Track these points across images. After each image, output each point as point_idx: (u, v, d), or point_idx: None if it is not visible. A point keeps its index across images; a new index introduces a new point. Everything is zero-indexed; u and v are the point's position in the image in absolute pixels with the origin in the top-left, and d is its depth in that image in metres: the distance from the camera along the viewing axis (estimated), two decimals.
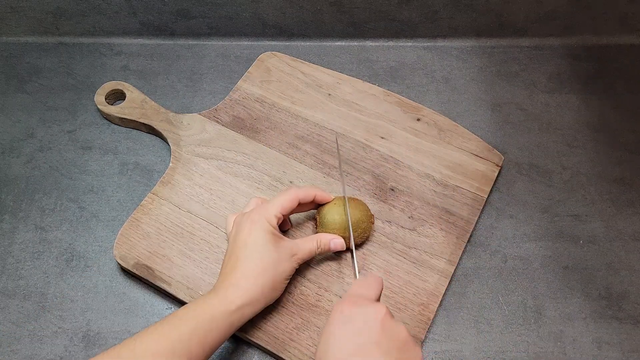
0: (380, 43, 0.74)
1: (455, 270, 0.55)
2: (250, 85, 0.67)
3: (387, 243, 0.55)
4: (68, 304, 0.54)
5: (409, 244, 0.55)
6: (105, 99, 0.65)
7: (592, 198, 0.61)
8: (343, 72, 0.69)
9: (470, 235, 0.57)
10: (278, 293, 0.48)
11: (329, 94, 0.66)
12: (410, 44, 0.74)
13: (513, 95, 0.69)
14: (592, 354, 0.51)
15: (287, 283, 0.49)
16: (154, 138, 0.65)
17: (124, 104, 0.65)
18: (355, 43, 0.74)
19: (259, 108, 0.65)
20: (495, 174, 0.61)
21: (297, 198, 0.50)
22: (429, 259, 0.55)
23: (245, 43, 0.74)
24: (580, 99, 0.69)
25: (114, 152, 0.64)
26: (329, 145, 0.62)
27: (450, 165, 0.61)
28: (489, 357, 0.51)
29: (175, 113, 0.65)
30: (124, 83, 0.67)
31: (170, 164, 0.60)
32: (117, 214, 0.59)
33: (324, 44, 0.74)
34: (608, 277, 0.56)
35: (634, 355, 0.51)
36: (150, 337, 0.41)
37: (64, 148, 0.64)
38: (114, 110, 0.65)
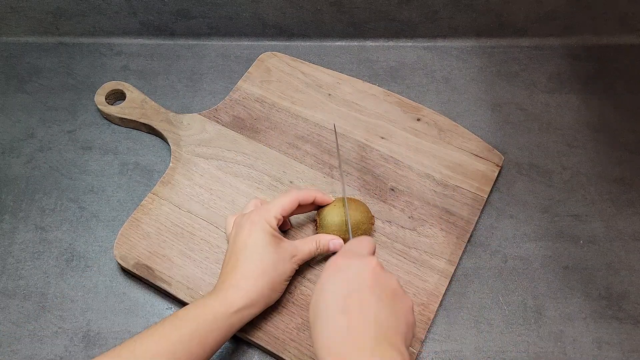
0: (380, 43, 0.74)
1: (455, 270, 0.55)
2: (250, 85, 0.67)
3: (387, 243, 0.55)
4: (68, 304, 0.54)
5: (409, 244, 0.55)
6: (105, 99, 0.65)
7: (592, 198, 0.61)
8: (343, 72, 0.69)
9: (470, 235, 0.57)
10: (278, 294, 0.48)
11: (329, 94, 0.66)
12: (410, 44, 0.74)
13: (513, 95, 0.69)
14: (592, 354, 0.51)
15: (287, 284, 0.49)
16: (154, 138, 0.65)
17: (124, 104, 0.65)
18: (355, 43, 0.74)
19: (259, 108, 0.65)
20: (495, 174, 0.61)
21: (297, 199, 0.50)
22: (429, 259, 0.55)
23: (245, 43, 0.74)
24: (580, 99, 0.69)
25: (114, 152, 0.64)
26: (329, 145, 0.62)
27: (450, 165, 0.61)
28: (489, 357, 0.51)
29: (175, 113, 0.65)
30: (124, 83, 0.67)
31: (170, 164, 0.60)
32: (117, 214, 0.59)
33: (324, 44, 0.74)
34: (608, 277, 0.56)
35: (634, 355, 0.51)
36: (151, 338, 0.41)
37: (64, 148, 0.64)
38: (114, 110, 0.65)
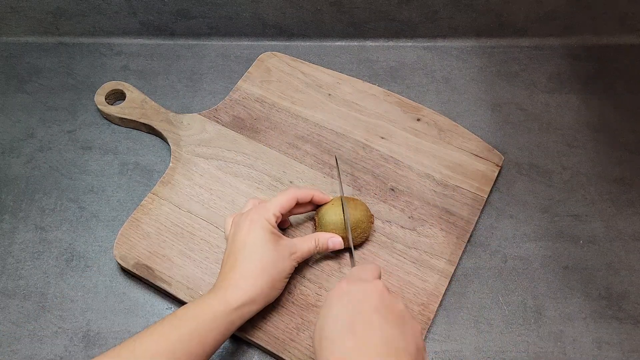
0: (380, 43, 0.74)
1: (455, 270, 0.55)
2: (250, 85, 0.67)
3: (387, 243, 0.55)
4: (68, 304, 0.54)
5: (409, 244, 0.55)
6: (105, 99, 0.65)
7: (592, 198, 0.61)
8: (343, 72, 0.69)
9: (470, 235, 0.57)
10: (277, 292, 0.48)
11: (329, 94, 0.66)
12: (410, 44, 0.74)
13: (513, 95, 0.69)
14: (592, 354, 0.51)
15: (286, 282, 0.49)
16: (154, 138, 0.65)
17: (124, 104, 0.65)
18: (355, 43, 0.74)
19: (259, 108, 0.65)
20: (495, 174, 0.61)
21: (295, 197, 0.51)
22: (429, 259, 0.55)
23: (245, 43, 0.74)
24: (580, 99, 0.69)
25: (114, 152, 0.64)
26: (329, 145, 0.62)
27: (450, 165, 0.61)
28: (489, 357, 0.51)
29: (175, 113, 0.65)
30: (124, 83, 0.67)
31: (170, 164, 0.60)
32: (117, 214, 0.59)
33: (324, 44, 0.74)
34: (608, 277, 0.56)
35: (634, 355, 0.51)
36: (150, 338, 0.41)
37: (64, 148, 0.64)
38: (114, 110, 0.65)
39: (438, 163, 0.61)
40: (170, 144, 0.62)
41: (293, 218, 0.57)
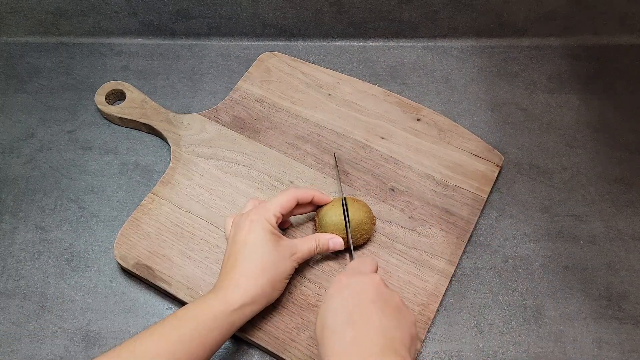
0: (380, 43, 0.74)
1: (455, 270, 0.55)
2: (250, 85, 0.67)
3: (387, 243, 0.55)
4: (68, 304, 0.54)
5: (409, 244, 0.55)
6: (105, 99, 0.65)
7: (592, 198, 0.61)
8: (343, 72, 0.69)
9: (470, 235, 0.57)
10: (278, 293, 0.48)
11: (329, 94, 0.67)
12: (410, 44, 0.74)
13: (513, 95, 0.69)
14: (592, 354, 0.51)
15: (287, 283, 0.49)
16: (154, 138, 0.65)
17: (124, 104, 0.65)
18: (355, 43, 0.74)
19: (259, 108, 0.65)
20: (495, 174, 0.61)
21: (295, 197, 0.51)
22: (429, 259, 0.55)
23: (245, 43, 0.74)
24: (580, 99, 0.69)
25: (114, 152, 0.64)
26: (329, 145, 0.62)
27: (450, 166, 0.61)
28: (489, 357, 0.51)
29: (175, 113, 0.65)
30: (124, 83, 0.67)
31: (170, 164, 0.60)
32: (117, 214, 0.59)
33: (324, 44, 0.74)
34: (608, 277, 0.56)
35: (634, 355, 0.51)
36: (150, 338, 0.41)
37: (64, 148, 0.64)
38: (114, 110, 0.65)
39: (438, 163, 0.61)
40: (170, 144, 0.62)
41: (293, 218, 0.57)
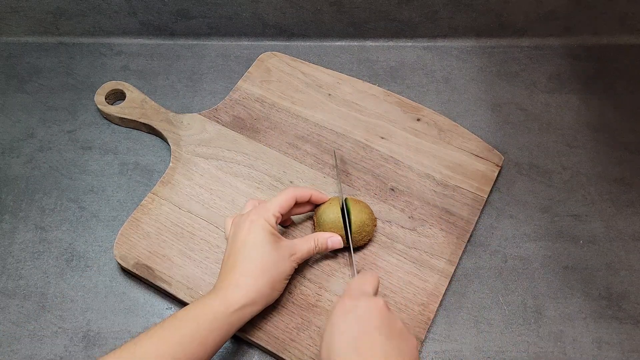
0: (380, 43, 0.74)
1: (455, 270, 0.55)
2: (250, 85, 0.67)
3: (387, 243, 0.55)
4: (68, 304, 0.54)
5: (409, 244, 0.55)
6: (105, 99, 0.65)
7: (592, 198, 0.61)
8: (343, 72, 0.69)
9: (470, 235, 0.57)
10: (277, 293, 0.48)
11: (329, 94, 0.66)
12: (410, 44, 0.74)
13: (513, 95, 0.69)
14: (592, 354, 0.51)
15: (286, 283, 0.49)
16: (154, 138, 0.65)
17: (124, 104, 0.65)
18: (355, 43, 0.74)
19: (259, 108, 0.65)
20: (495, 174, 0.61)
21: (294, 196, 0.51)
22: (429, 259, 0.55)
23: (245, 43, 0.74)
24: (580, 99, 0.69)
25: (114, 152, 0.64)
26: (329, 145, 0.62)
27: (450, 165, 0.61)
28: (489, 357, 0.51)
29: (175, 113, 0.65)
30: (124, 83, 0.67)
31: (170, 164, 0.60)
32: (117, 214, 0.59)
33: (324, 44, 0.74)
34: (608, 277, 0.56)
35: (634, 355, 0.51)
36: (150, 340, 0.41)
37: (64, 148, 0.64)
38: (114, 110, 0.65)
39: (438, 163, 0.61)
40: (170, 144, 0.62)
41: (294, 218, 0.57)
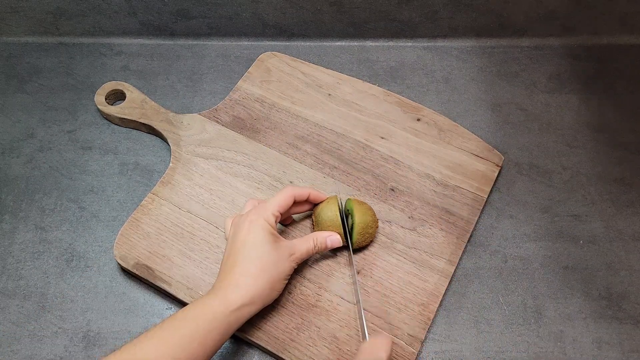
0: (380, 43, 0.74)
1: (455, 270, 0.55)
2: (250, 85, 0.67)
3: (387, 243, 0.55)
4: (68, 304, 0.54)
5: (409, 244, 0.55)
6: (105, 99, 0.65)
7: (592, 198, 0.61)
8: (343, 72, 0.69)
9: (470, 235, 0.57)
10: (277, 293, 0.48)
11: (329, 94, 0.66)
12: (410, 44, 0.74)
13: (513, 95, 0.69)
14: (592, 354, 0.51)
15: (285, 283, 0.49)
16: (154, 138, 0.65)
17: (124, 104, 0.65)
18: (355, 43, 0.74)
19: (259, 108, 0.65)
20: (495, 174, 0.61)
21: (292, 195, 0.51)
22: (429, 259, 0.55)
23: (245, 43, 0.74)
24: (580, 99, 0.69)
25: (114, 152, 0.64)
26: (329, 146, 0.62)
27: (450, 165, 0.61)
28: (489, 357, 0.51)
29: (175, 113, 0.65)
30: (124, 83, 0.67)
31: (170, 164, 0.60)
32: (117, 214, 0.59)
33: (324, 44, 0.74)
34: (608, 277, 0.56)
35: (634, 355, 0.51)
36: (150, 342, 0.41)
37: (64, 148, 0.64)
38: (114, 110, 0.65)
39: (438, 163, 0.61)
40: (170, 144, 0.62)
41: (294, 216, 0.57)
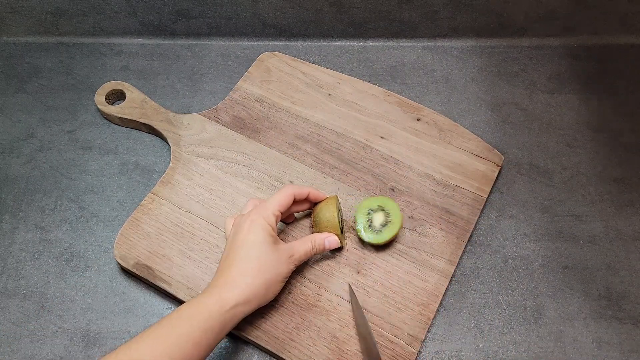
0: (380, 43, 0.74)
1: (455, 270, 0.55)
2: (250, 85, 0.67)
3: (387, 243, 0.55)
4: (68, 304, 0.54)
5: (409, 244, 0.55)
6: (105, 99, 0.65)
7: (592, 198, 0.61)
8: (343, 72, 0.69)
9: (470, 235, 0.57)
10: (272, 295, 0.48)
11: (329, 94, 0.66)
12: (410, 44, 0.74)
13: (513, 95, 0.69)
14: (592, 354, 0.51)
15: (282, 286, 0.49)
16: (154, 138, 0.65)
17: (124, 104, 0.65)
18: (355, 43, 0.74)
19: (259, 108, 0.65)
20: (495, 174, 0.61)
21: (292, 194, 0.51)
22: (429, 259, 0.55)
23: (245, 43, 0.74)
24: (580, 99, 0.69)
25: (114, 152, 0.64)
26: (329, 145, 0.62)
27: (450, 165, 0.61)
28: (489, 357, 0.51)
29: (175, 113, 0.65)
30: (124, 83, 0.67)
31: (170, 164, 0.60)
32: (117, 214, 0.59)
33: (324, 44, 0.74)
34: (608, 277, 0.56)
35: (634, 355, 0.51)
36: (147, 342, 0.41)
37: (64, 148, 0.64)
38: (114, 110, 0.65)
39: (438, 163, 0.61)
40: (170, 144, 0.62)
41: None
